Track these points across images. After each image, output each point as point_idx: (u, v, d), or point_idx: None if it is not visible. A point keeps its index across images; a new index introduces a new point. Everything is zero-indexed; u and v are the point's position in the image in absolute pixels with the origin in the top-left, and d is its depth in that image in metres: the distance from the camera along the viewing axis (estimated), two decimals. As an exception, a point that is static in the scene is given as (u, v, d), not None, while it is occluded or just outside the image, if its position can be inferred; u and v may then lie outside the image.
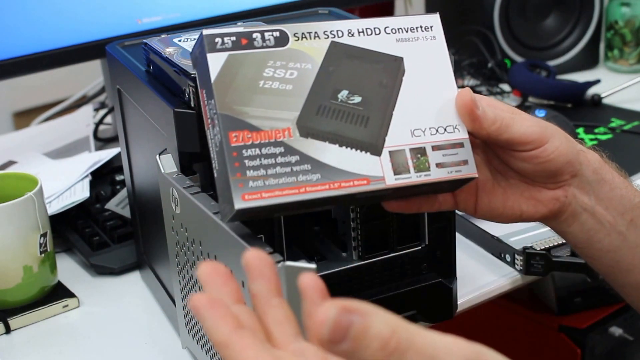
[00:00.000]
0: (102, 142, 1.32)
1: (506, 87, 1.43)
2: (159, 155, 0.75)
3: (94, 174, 1.11)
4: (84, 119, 1.37)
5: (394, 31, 0.69)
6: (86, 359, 0.85)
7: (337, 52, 0.68)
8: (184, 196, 0.70)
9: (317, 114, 0.65)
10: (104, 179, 1.13)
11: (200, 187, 0.71)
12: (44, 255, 0.91)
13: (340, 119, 0.65)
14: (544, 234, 0.95)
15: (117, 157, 1.11)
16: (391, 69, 0.68)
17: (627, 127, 1.29)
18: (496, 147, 0.73)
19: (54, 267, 0.94)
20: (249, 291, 0.51)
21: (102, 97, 1.46)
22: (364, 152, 0.65)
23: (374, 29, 0.69)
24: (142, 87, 0.80)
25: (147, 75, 0.82)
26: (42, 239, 0.90)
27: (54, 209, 1.01)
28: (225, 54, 0.65)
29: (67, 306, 0.92)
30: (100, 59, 1.24)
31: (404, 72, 0.68)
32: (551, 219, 0.75)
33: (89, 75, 1.52)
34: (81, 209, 1.06)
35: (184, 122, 0.71)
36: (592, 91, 1.39)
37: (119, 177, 1.12)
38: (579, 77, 1.48)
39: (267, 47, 0.66)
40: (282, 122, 0.64)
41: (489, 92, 1.43)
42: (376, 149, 0.65)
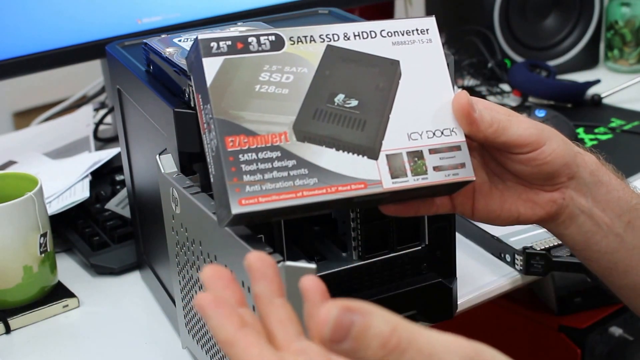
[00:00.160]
0: (102, 142, 1.32)
1: (506, 87, 1.43)
2: (159, 155, 0.75)
3: (94, 174, 1.11)
4: (84, 119, 1.37)
5: (390, 34, 0.69)
6: (86, 359, 0.85)
7: (333, 56, 0.67)
8: (184, 196, 0.70)
9: (313, 118, 0.65)
10: (104, 179, 1.13)
11: (200, 187, 0.72)
12: (44, 255, 0.91)
13: (336, 123, 0.65)
14: (543, 234, 0.94)
15: (117, 157, 1.11)
16: (387, 73, 0.68)
17: (627, 127, 1.29)
18: (493, 149, 0.73)
19: (54, 267, 0.94)
20: (252, 292, 0.51)
21: (102, 97, 1.46)
22: (361, 155, 0.65)
23: (370, 32, 0.69)
24: (142, 87, 0.80)
25: (147, 75, 0.82)
26: (42, 239, 0.91)
27: (54, 209, 1.02)
28: (220, 59, 0.65)
29: (67, 306, 0.93)
30: (100, 59, 1.24)
31: (401, 75, 0.68)
32: (548, 221, 0.75)
33: (89, 75, 1.52)
34: (81, 209, 1.06)
35: (184, 122, 0.71)
36: (592, 91, 1.39)
37: (119, 177, 1.12)
38: (579, 77, 1.48)
39: (263, 51, 0.66)
40: (279, 127, 0.64)
41: (489, 92, 1.43)
42: (373, 153, 0.65)
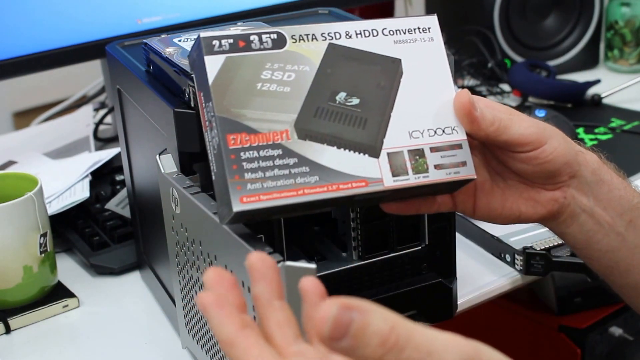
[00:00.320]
0: (102, 142, 1.32)
1: (506, 87, 1.43)
2: (159, 155, 0.75)
3: (94, 174, 1.11)
4: (84, 119, 1.37)
5: (391, 33, 0.69)
6: (86, 359, 0.85)
7: (335, 54, 0.68)
8: (184, 196, 0.70)
9: (315, 116, 0.65)
10: (104, 179, 1.13)
11: (200, 187, 0.71)
12: (44, 255, 0.91)
13: (338, 121, 0.65)
14: (544, 234, 0.94)
15: (117, 157, 1.11)
16: (389, 71, 0.68)
17: (627, 127, 1.29)
18: (494, 148, 0.73)
19: (54, 267, 0.94)
20: (251, 293, 0.51)
21: (102, 97, 1.46)
22: (362, 154, 0.65)
23: (372, 30, 0.69)
24: (142, 87, 0.80)
25: (147, 75, 0.82)
26: (42, 239, 0.90)
27: (54, 209, 1.02)
28: (222, 57, 0.65)
29: (67, 306, 0.92)
30: (100, 59, 1.24)
31: (402, 73, 0.68)
32: (550, 220, 0.75)
33: (89, 75, 1.52)
34: (81, 209, 1.06)
35: (184, 122, 0.71)
36: (592, 91, 1.39)
37: (119, 177, 1.12)
38: (579, 77, 1.48)
39: (265, 49, 0.66)
40: (280, 125, 0.64)
41: (489, 92, 1.43)
42: (374, 151, 0.65)
